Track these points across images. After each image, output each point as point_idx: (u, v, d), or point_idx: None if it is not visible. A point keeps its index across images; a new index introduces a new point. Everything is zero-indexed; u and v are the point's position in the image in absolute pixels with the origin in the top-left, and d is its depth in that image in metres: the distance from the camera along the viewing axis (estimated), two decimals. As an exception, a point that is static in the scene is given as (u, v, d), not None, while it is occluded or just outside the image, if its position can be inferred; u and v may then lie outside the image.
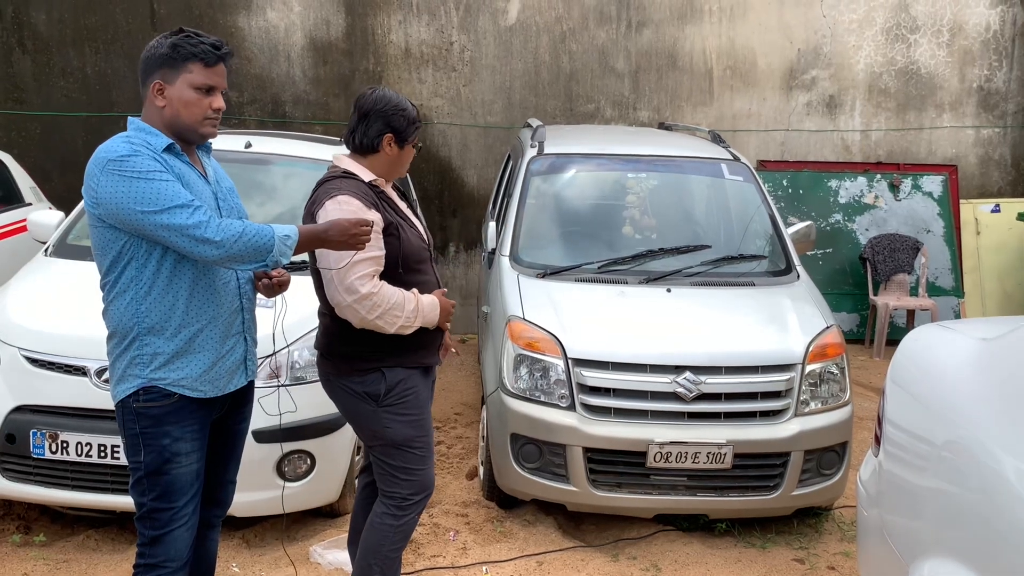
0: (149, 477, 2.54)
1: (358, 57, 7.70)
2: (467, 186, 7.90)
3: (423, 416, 2.98)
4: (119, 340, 2.54)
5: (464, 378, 6.28)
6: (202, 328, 2.55)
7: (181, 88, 2.50)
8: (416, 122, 2.97)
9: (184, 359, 2.53)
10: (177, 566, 2.62)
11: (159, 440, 2.53)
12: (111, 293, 2.53)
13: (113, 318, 2.54)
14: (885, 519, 2.44)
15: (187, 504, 2.60)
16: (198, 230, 2.39)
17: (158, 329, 2.50)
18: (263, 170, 5.06)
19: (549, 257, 4.62)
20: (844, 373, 4.04)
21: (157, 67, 2.50)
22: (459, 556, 3.78)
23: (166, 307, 2.50)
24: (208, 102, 2.53)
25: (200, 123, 2.54)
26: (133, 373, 2.52)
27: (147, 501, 2.56)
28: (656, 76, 7.96)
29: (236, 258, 2.44)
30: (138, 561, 2.62)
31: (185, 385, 2.54)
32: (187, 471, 2.58)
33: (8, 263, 5.19)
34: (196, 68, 2.49)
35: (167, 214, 2.38)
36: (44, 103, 7.54)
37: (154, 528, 2.57)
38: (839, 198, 7.85)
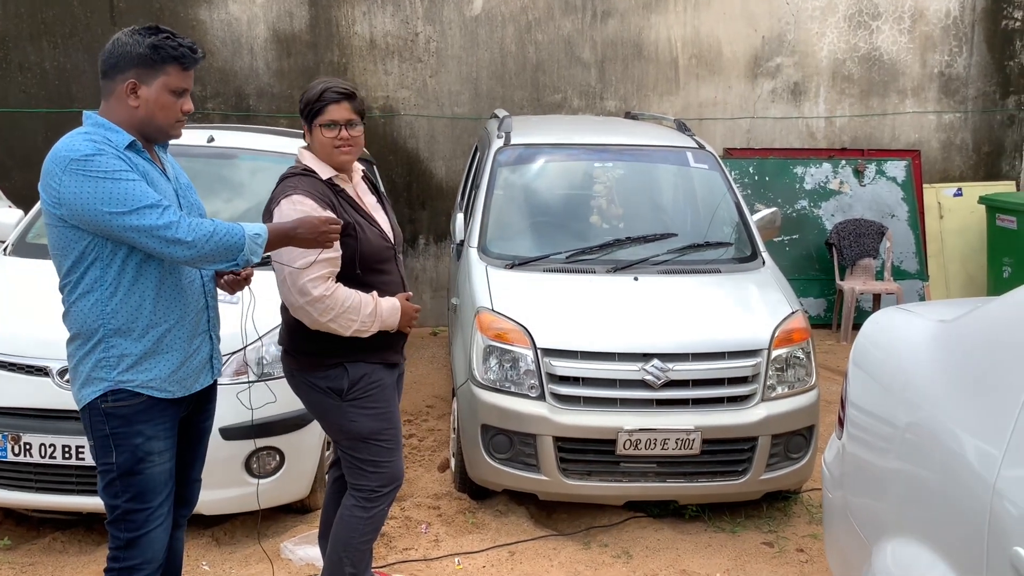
0: (122, 478, 2.50)
1: (322, 49, 7.63)
2: (435, 178, 7.87)
3: (389, 409, 2.97)
4: (82, 342, 2.49)
5: (436, 371, 6.27)
6: (170, 328, 2.52)
7: (158, 90, 2.44)
8: (310, 102, 2.85)
9: (152, 360, 2.49)
10: (153, 568, 2.59)
11: (131, 440, 2.49)
12: (73, 294, 2.47)
13: (76, 320, 2.48)
14: (849, 501, 2.47)
15: (162, 504, 2.57)
16: (169, 231, 2.34)
17: (125, 330, 2.45)
18: (227, 164, 5.01)
19: (517, 248, 4.62)
20: (810, 357, 4.09)
21: (131, 65, 2.42)
22: (431, 548, 3.78)
23: (133, 307, 2.45)
24: (180, 103, 2.50)
25: (172, 125, 2.51)
26: (99, 376, 2.47)
27: (121, 503, 2.52)
28: (622, 66, 7.97)
29: (207, 258, 2.41)
30: (111, 565, 2.57)
31: (153, 386, 2.50)
32: (161, 470, 2.55)
33: (-33, 263, 5.08)
34: (174, 71, 2.45)
35: (136, 215, 2.32)
36: (1, 99, 7.39)
37: (129, 530, 2.53)
38: (805, 184, 7.92)
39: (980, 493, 1.74)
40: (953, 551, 1.84)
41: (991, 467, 1.73)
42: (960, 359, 2.07)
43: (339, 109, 2.86)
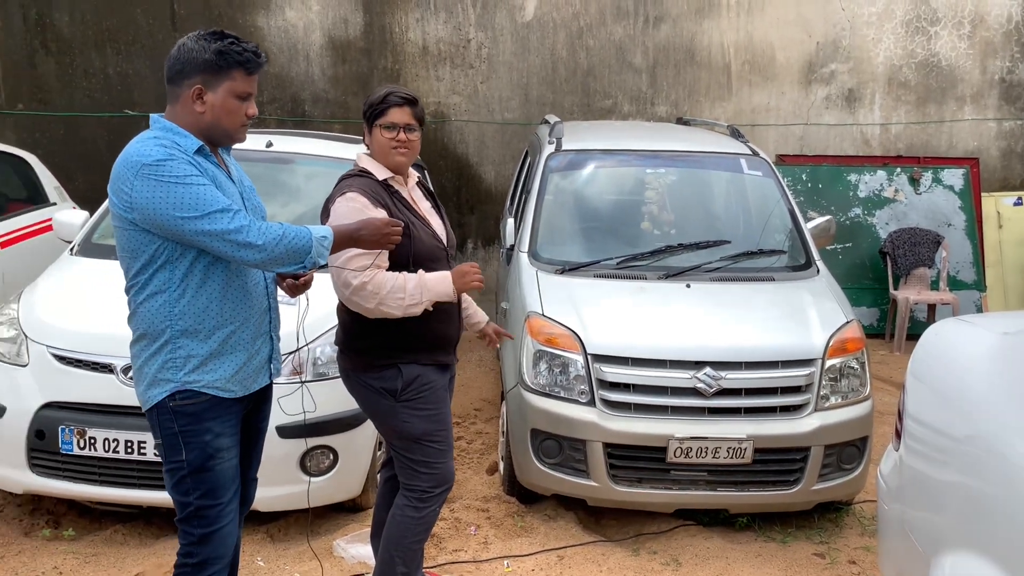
0: (193, 475, 2.52)
1: (376, 55, 7.75)
2: (484, 182, 7.93)
3: (441, 411, 3.01)
4: (148, 343, 2.51)
5: (484, 374, 6.31)
6: (236, 329, 2.54)
7: (224, 96, 2.47)
8: (375, 105, 2.94)
9: (218, 361, 2.52)
10: (225, 563, 2.62)
11: (201, 437, 2.52)
12: (140, 296, 2.49)
13: (144, 321, 2.50)
14: (906, 513, 2.44)
15: (232, 499, 2.60)
16: (240, 235, 2.37)
17: (192, 332, 2.48)
18: (285, 169, 5.11)
19: (568, 253, 4.64)
20: (864, 368, 4.03)
21: (198, 71, 2.45)
22: (480, 550, 3.81)
23: (200, 309, 2.48)
24: (245, 108, 2.52)
25: (237, 130, 2.54)
26: (166, 377, 2.49)
27: (193, 500, 2.54)
28: (674, 71, 7.95)
29: (276, 261, 2.43)
30: (185, 561, 2.60)
31: (218, 387, 2.53)
32: (229, 466, 2.58)
33: (34, 262, 5.26)
34: (239, 76, 2.47)
35: (207, 219, 2.35)
36: (67, 104, 7.63)
37: (202, 526, 2.56)
38: (859, 192, 7.81)
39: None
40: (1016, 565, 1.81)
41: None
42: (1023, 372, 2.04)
43: (400, 113, 2.94)
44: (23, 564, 3.66)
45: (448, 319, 3.02)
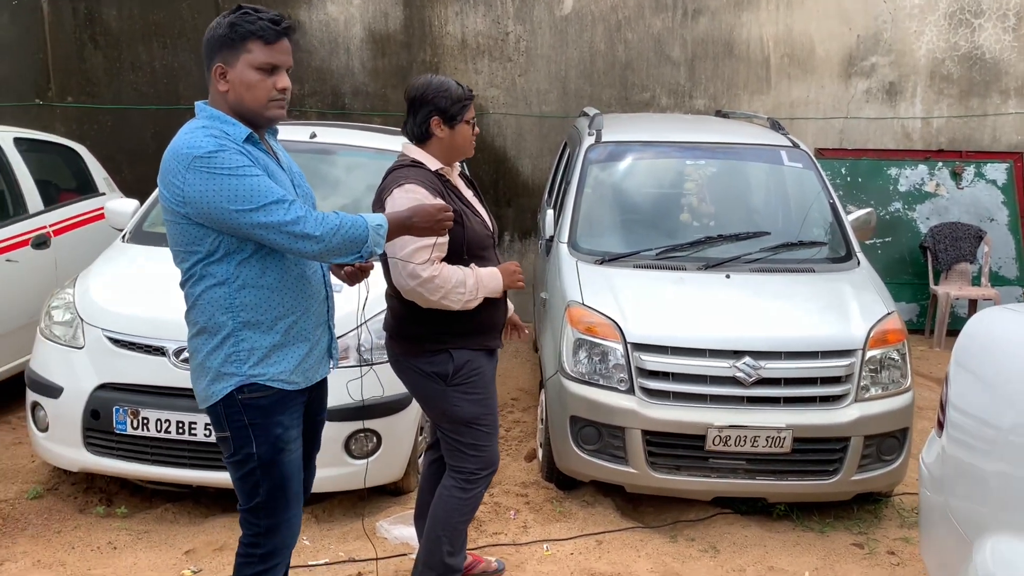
0: (263, 468, 2.47)
1: (415, 49, 7.82)
2: (522, 175, 7.98)
3: (489, 395, 3.08)
4: (209, 337, 2.43)
5: (520, 365, 6.37)
6: (297, 319, 2.48)
7: (242, 70, 2.34)
8: (462, 100, 2.97)
9: (281, 352, 2.46)
10: (289, 552, 2.62)
11: (272, 430, 2.47)
12: (198, 288, 2.41)
13: (203, 314, 2.42)
14: (949, 500, 2.46)
15: (299, 489, 2.58)
16: (297, 226, 2.29)
17: (255, 323, 2.41)
18: (328, 160, 5.20)
19: (607, 244, 4.68)
20: (905, 359, 4.03)
21: (217, 50, 2.35)
22: (520, 534, 3.87)
23: (262, 300, 2.41)
24: (272, 82, 2.37)
25: (265, 106, 2.39)
26: (230, 371, 2.42)
27: (262, 492, 2.49)
28: (712, 64, 7.93)
29: (334, 252, 2.36)
30: (250, 551, 2.56)
31: (283, 379, 2.47)
32: (296, 457, 2.55)
33: (85, 250, 5.41)
34: (256, 47, 2.34)
35: (263, 211, 2.27)
36: (115, 97, 7.80)
37: (270, 517, 2.52)
38: (899, 186, 7.75)
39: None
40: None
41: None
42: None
43: (472, 107, 3.05)
44: (79, 539, 3.78)
45: (495, 305, 3.08)
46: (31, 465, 4.45)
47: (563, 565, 3.62)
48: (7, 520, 3.92)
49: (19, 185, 5.45)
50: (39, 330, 4.19)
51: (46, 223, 5.52)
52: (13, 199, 5.43)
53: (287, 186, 2.48)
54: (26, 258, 5.26)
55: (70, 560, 3.61)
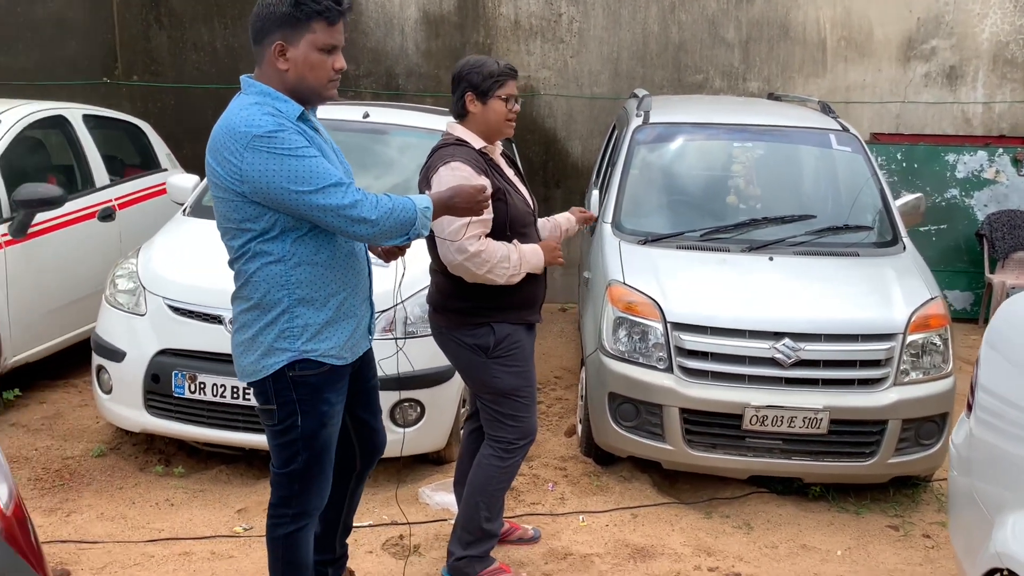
0: (306, 440, 2.55)
1: (469, 30, 7.90)
2: (571, 157, 8.03)
3: (528, 368, 3.18)
4: (262, 312, 2.47)
5: (564, 344, 6.46)
6: (348, 296, 2.55)
7: (306, 50, 2.37)
8: (495, 75, 3.02)
9: (332, 328, 2.51)
10: (318, 513, 2.74)
11: (318, 407, 2.54)
12: (253, 265, 2.45)
13: (258, 290, 2.46)
14: (974, 480, 2.49)
15: (332, 458, 2.67)
16: (354, 210, 2.34)
17: (309, 300, 2.46)
18: (380, 139, 5.33)
19: (651, 225, 4.73)
20: (947, 344, 4.02)
21: (277, 26, 2.35)
22: (557, 505, 3.98)
23: (316, 276, 2.46)
24: (331, 62, 2.41)
25: (324, 86, 2.43)
26: (283, 346, 2.47)
27: (301, 460, 2.58)
28: (767, 47, 7.86)
29: (386, 234, 2.42)
30: (281, 511, 2.65)
31: (333, 355, 2.52)
32: (336, 430, 2.64)
33: (148, 223, 5.64)
34: (320, 27, 2.36)
35: (321, 194, 2.32)
36: (177, 75, 8.05)
37: (305, 482, 2.61)
38: (956, 173, 7.59)
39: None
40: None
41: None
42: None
43: (512, 85, 3.10)
44: (139, 495, 4.00)
45: (535, 281, 3.17)
46: (96, 425, 4.70)
47: (598, 536, 3.72)
48: (74, 476, 4.16)
49: (87, 160, 5.70)
50: (104, 298, 4.42)
51: (112, 197, 5.77)
52: (82, 173, 5.68)
53: (337, 166, 2.51)
54: (93, 230, 5.51)
55: (130, 514, 3.83)
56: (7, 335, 4.76)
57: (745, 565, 3.54)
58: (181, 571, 3.38)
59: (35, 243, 4.96)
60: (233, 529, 3.72)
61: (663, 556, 3.57)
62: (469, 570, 3.29)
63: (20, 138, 5.16)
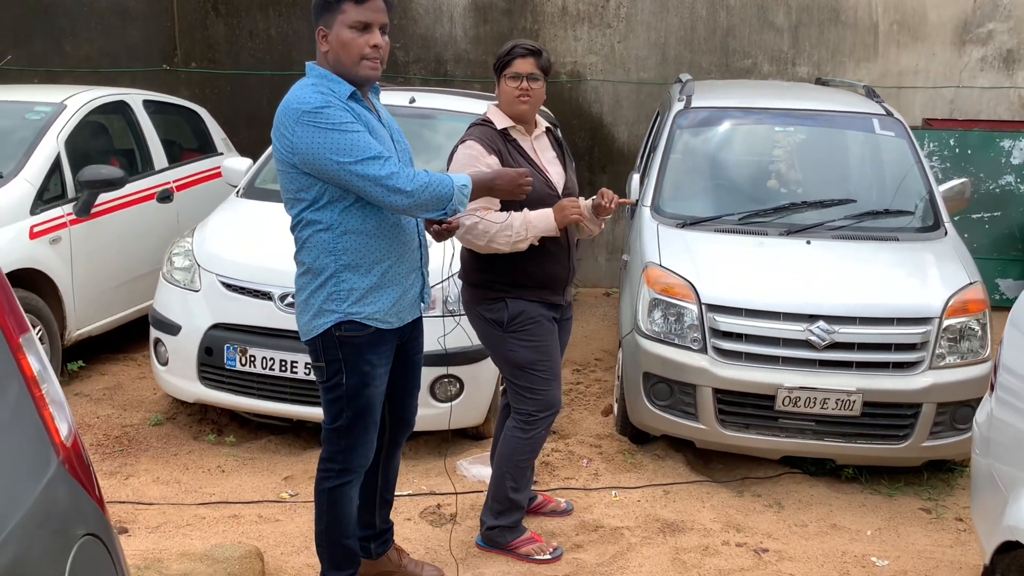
0: (350, 397, 2.74)
1: (516, 16, 7.98)
2: (617, 142, 8.07)
3: (545, 342, 3.25)
4: (313, 276, 2.68)
5: (607, 327, 6.54)
6: (392, 264, 2.71)
7: (339, 30, 2.56)
8: (501, 57, 3.18)
9: (377, 293, 2.69)
10: (364, 471, 2.92)
11: (362, 366, 2.72)
12: (306, 232, 2.65)
13: (310, 255, 2.67)
14: (994, 460, 2.52)
15: (377, 419, 2.85)
16: (391, 180, 2.52)
17: (354, 266, 2.65)
18: (426, 124, 5.46)
19: (690, 208, 4.77)
20: (985, 329, 4.01)
21: (319, 14, 2.60)
22: (591, 480, 4.08)
23: (361, 245, 2.65)
24: (365, 40, 2.56)
25: (357, 63, 2.58)
26: (331, 308, 2.67)
27: (346, 416, 2.77)
28: (817, 31, 7.79)
29: (422, 206, 2.60)
30: (329, 466, 2.85)
31: (378, 318, 2.70)
32: (380, 391, 2.81)
33: (204, 204, 5.86)
34: (348, 7, 2.55)
35: (362, 164, 2.51)
36: (233, 63, 8.29)
37: (350, 438, 2.79)
38: (1012, 159, 7.44)
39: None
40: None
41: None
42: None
43: (524, 63, 3.18)
44: (193, 462, 4.22)
45: (555, 260, 3.24)
46: (153, 396, 4.94)
47: (629, 510, 3.82)
48: (132, 442, 4.40)
49: (147, 144, 5.95)
50: (161, 274, 4.64)
51: (170, 179, 6.01)
52: (142, 156, 5.93)
53: (386, 142, 2.69)
54: (152, 210, 5.75)
55: (184, 479, 4.05)
56: (72, 309, 5.02)
57: (773, 541, 3.60)
58: (230, 532, 3.57)
59: (98, 223, 5.22)
60: (280, 495, 3.91)
61: (692, 531, 3.65)
62: (500, 539, 3.43)
63: (84, 122, 5.41)
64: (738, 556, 3.47)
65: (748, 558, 3.46)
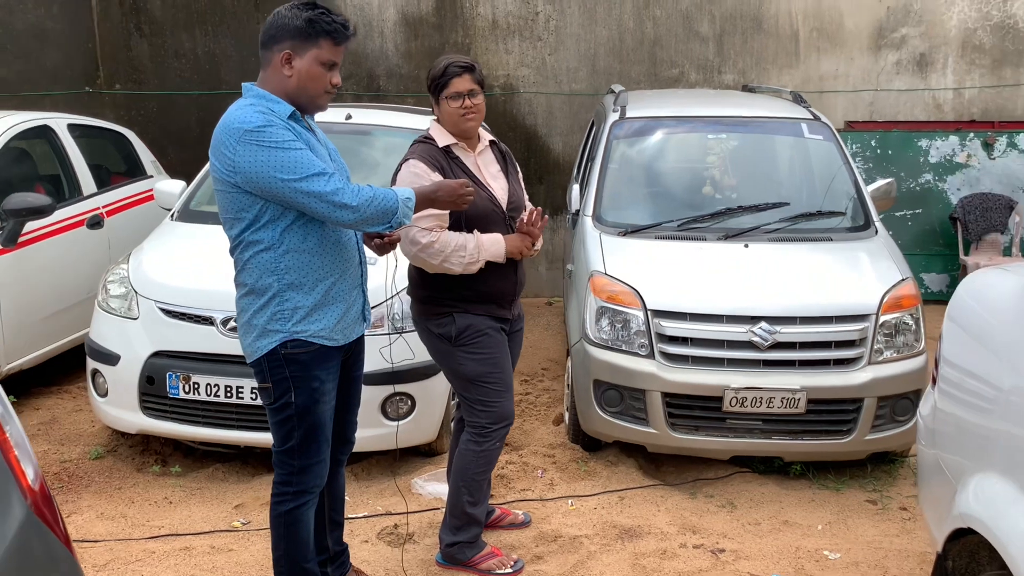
0: (300, 416, 2.73)
1: (447, 30, 8.01)
2: (552, 153, 8.14)
3: (495, 355, 3.26)
4: (256, 297, 2.68)
5: (551, 337, 6.58)
6: (335, 281, 2.73)
7: (310, 62, 2.62)
8: (436, 79, 3.18)
9: (321, 311, 2.70)
10: (319, 491, 2.89)
11: (310, 383, 2.72)
12: (247, 253, 2.66)
13: (251, 276, 2.67)
14: (940, 450, 2.61)
15: (328, 436, 2.85)
16: (336, 196, 2.54)
17: (298, 284, 2.66)
18: (364, 140, 5.42)
19: (630, 217, 4.84)
20: (919, 324, 4.16)
21: (288, 37, 2.61)
22: (547, 490, 4.10)
23: (303, 263, 2.66)
24: (329, 77, 2.66)
25: (320, 96, 2.67)
26: (275, 328, 2.67)
27: (297, 437, 2.76)
28: (741, 39, 8.00)
29: (367, 221, 2.62)
30: (283, 489, 2.82)
31: (323, 336, 2.72)
32: (330, 407, 2.81)
33: (136, 229, 5.72)
34: (326, 45, 2.62)
35: (307, 181, 2.53)
36: (160, 83, 8.11)
37: (301, 459, 2.78)
38: (929, 158, 7.76)
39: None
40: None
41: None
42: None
43: (462, 81, 3.18)
44: (138, 494, 4.09)
45: (502, 275, 3.25)
46: (92, 429, 4.78)
47: (587, 518, 3.84)
48: (72, 478, 4.25)
49: (74, 169, 5.77)
50: (97, 303, 4.50)
51: (100, 204, 5.84)
52: (69, 182, 5.75)
53: (325, 160, 2.71)
54: (82, 237, 5.58)
55: (130, 513, 3.92)
56: (1, 343, 4.83)
57: (729, 541, 3.66)
58: (183, 565, 3.48)
59: (26, 252, 5.04)
60: (232, 524, 3.82)
61: (650, 535, 3.69)
62: (460, 556, 3.41)
63: (6, 149, 5.23)
64: (696, 558, 3.52)
65: (706, 559, 3.51)
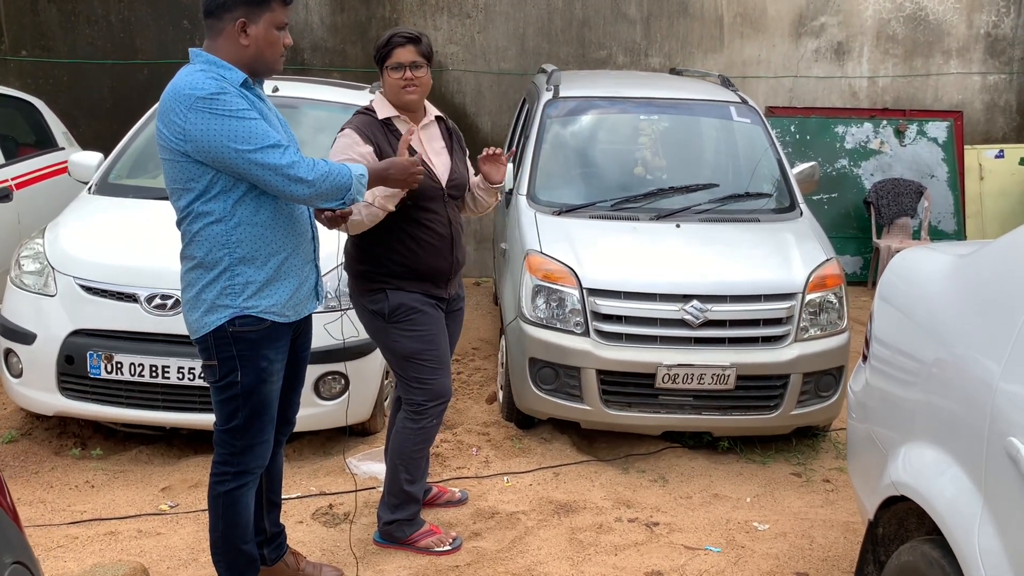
0: (245, 395, 2.66)
1: (374, 4, 7.86)
2: (481, 132, 8.10)
3: (430, 332, 3.23)
4: (205, 271, 2.58)
5: (480, 317, 6.57)
6: (288, 256, 2.65)
7: (266, 27, 2.53)
8: (379, 49, 3.14)
9: (273, 286, 2.62)
10: (261, 471, 2.82)
11: (257, 362, 2.64)
12: (196, 225, 2.55)
13: (201, 249, 2.56)
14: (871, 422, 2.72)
15: (274, 416, 2.78)
16: (292, 170, 2.47)
17: (250, 258, 2.57)
18: (292, 114, 5.27)
19: (565, 196, 4.87)
20: (843, 302, 4.30)
21: (240, 4, 2.51)
22: (482, 468, 4.10)
23: (256, 237, 2.57)
24: (282, 39, 2.59)
25: (277, 60, 2.60)
26: (224, 303, 2.58)
27: (241, 416, 2.68)
28: (668, 23, 8.10)
29: (322, 196, 2.55)
30: (224, 469, 2.74)
31: (275, 312, 2.63)
32: (276, 387, 2.73)
33: (47, 203, 5.46)
34: (278, 6, 2.55)
35: (262, 153, 2.44)
36: (70, 51, 7.74)
37: (245, 439, 2.71)
38: (845, 144, 8.03)
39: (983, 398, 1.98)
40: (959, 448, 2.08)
41: (993, 376, 1.97)
42: (972, 287, 2.29)
43: (405, 52, 3.13)
44: (57, 479, 3.93)
45: (436, 253, 3.20)
46: (3, 412, 4.56)
47: (523, 495, 3.86)
48: (-16, 463, 4.05)
49: (-21, 138, 5.47)
50: (9, 279, 4.28)
51: (8, 176, 5.55)
52: (-27, 152, 5.45)
53: (279, 131, 2.61)
54: (-11, 211, 5.30)
55: (49, 498, 3.76)
56: (-99, 322, 4.54)
57: (662, 515, 3.74)
58: (108, 551, 3.35)
59: (-72, 225, 4.76)
60: (159, 507, 3.70)
61: (585, 510, 3.74)
62: (399, 533, 3.39)
63: (-95, 116, 4.91)
64: (631, 531, 3.58)
65: (641, 533, 3.58)
